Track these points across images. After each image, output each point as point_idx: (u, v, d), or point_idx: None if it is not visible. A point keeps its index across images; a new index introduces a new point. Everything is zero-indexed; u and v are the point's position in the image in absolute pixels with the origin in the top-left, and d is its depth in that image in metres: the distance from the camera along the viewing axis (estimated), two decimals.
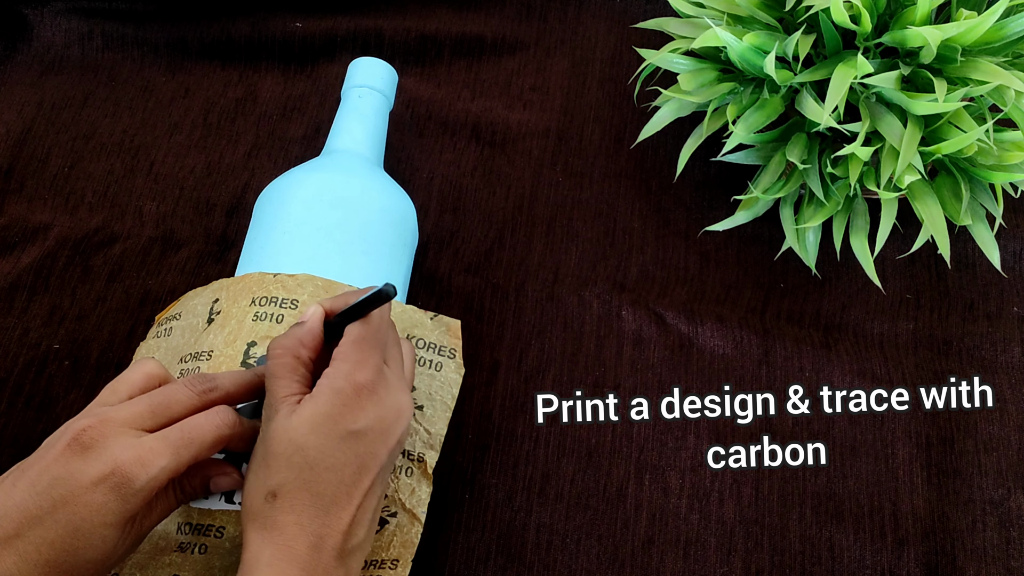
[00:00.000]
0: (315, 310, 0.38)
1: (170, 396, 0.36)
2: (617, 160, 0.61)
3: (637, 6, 0.68)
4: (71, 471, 0.32)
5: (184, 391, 0.36)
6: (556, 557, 0.48)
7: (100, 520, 0.32)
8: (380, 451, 0.36)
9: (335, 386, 0.35)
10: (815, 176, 0.50)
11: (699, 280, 0.57)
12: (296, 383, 0.36)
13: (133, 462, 0.32)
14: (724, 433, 0.51)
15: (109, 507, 0.32)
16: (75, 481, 0.32)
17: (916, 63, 0.47)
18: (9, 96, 0.63)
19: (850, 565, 0.48)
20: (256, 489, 0.34)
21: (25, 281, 0.55)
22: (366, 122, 0.54)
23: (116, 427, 0.33)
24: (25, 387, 0.51)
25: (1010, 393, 0.53)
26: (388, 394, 0.36)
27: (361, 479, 0.35)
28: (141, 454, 0.33)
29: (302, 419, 0.34)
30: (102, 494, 0.32)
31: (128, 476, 0.32)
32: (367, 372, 0.35)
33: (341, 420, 0.34)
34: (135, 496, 0.32)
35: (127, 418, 0.34)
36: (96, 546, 0.32)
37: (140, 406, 0.35)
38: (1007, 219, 0.58)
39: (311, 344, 0.37)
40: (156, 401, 0.35)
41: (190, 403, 0.36)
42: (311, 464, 0.34)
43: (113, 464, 0.32)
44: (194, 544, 0.39)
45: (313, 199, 0.48)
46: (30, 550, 0.31)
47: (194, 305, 0.48)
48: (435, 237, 0.58)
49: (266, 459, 0.34)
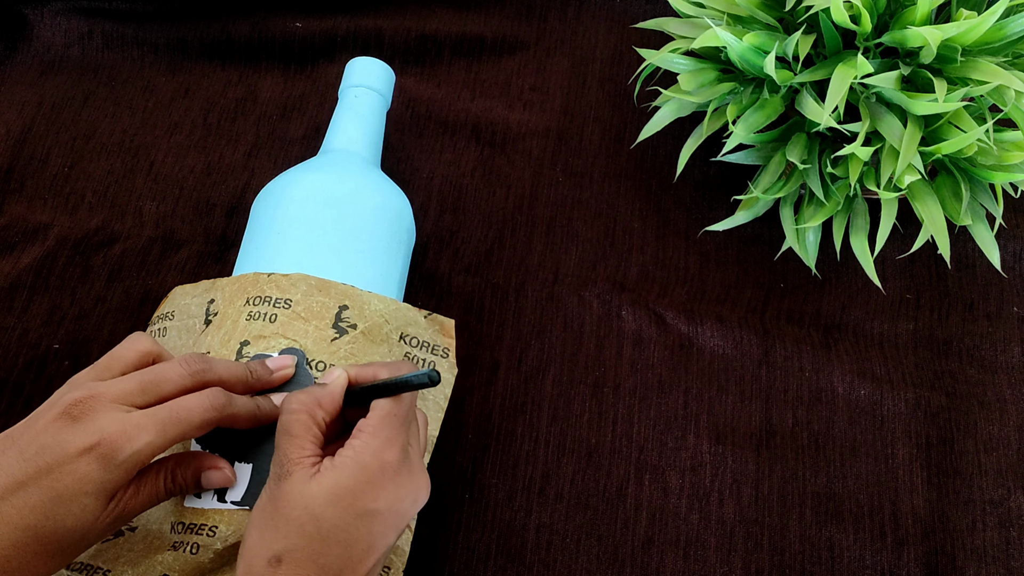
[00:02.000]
0: (340, 376, 0.38)
1: (162, 374, 0.36)
2: (617, 160, 0.61)
3: (637, 6, 0.68)
4: (59, 440, 0.33)
5: (177, 369, 0.36)
6: (556, 557, 0.48)
7: (82, 489, 0.32)
8: (391, 533, 0.35)
9: (361, 461, 0.34)
10: (815, 176, 0.50)
11: (699, 280, 0.57)
12: (311, 444, 0.35)
13: (119, 435, 0.33)
14: (724, 433, 0.51)
15: (92, 477, 0.33)
16: (62, 450, 0.33)
17: (916, 63, 0.47)
18: (9, 96, 0.63)
19: (850, 565, 0.48)
20: (259, 549, 0.33)
21: (25, 281, 0.55)
22: (362, 121, 0.54)
23: (106, 402, 0.34)
24: (25, 387, 0.51)
25: (1010, 393, 0.53)
26: (410, 477, 0.36)
27: (368, 558, 0.34)
28: (127, 428, 0.33)
29: (323, 488, 0.33)
30: (86, 463, 0.33)
31: (113, 447, 0.33)
32: (394, 452, 0.35)
33: (362, 497, 0.34)
34: (118, 468, 0.33)
35: (117, 394, 0.35)
36: (76, 515, 0.33)
37: (131, 383, 0.35)
38: (1007, 219, 0.58)
39: (330, 408, 0.37)
40: (147, 379, 0.36)
41: (182, 382, 0.36)
42: (324, 536, 0.33)
43: (99, 435, 0.33)
44: (186, 543, 0.39)
45: (307, 198, 0.48)
46: (12, 513, 0.32)
47: (187, 305, 0.48)
48: (435, 237, 0.58)
49: (275, 520, 0.34)
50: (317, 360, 0.42)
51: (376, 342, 0.44)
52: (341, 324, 0.44)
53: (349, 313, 0.44)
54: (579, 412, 0.52)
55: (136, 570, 0.39)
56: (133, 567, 0.39)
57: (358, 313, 0.44)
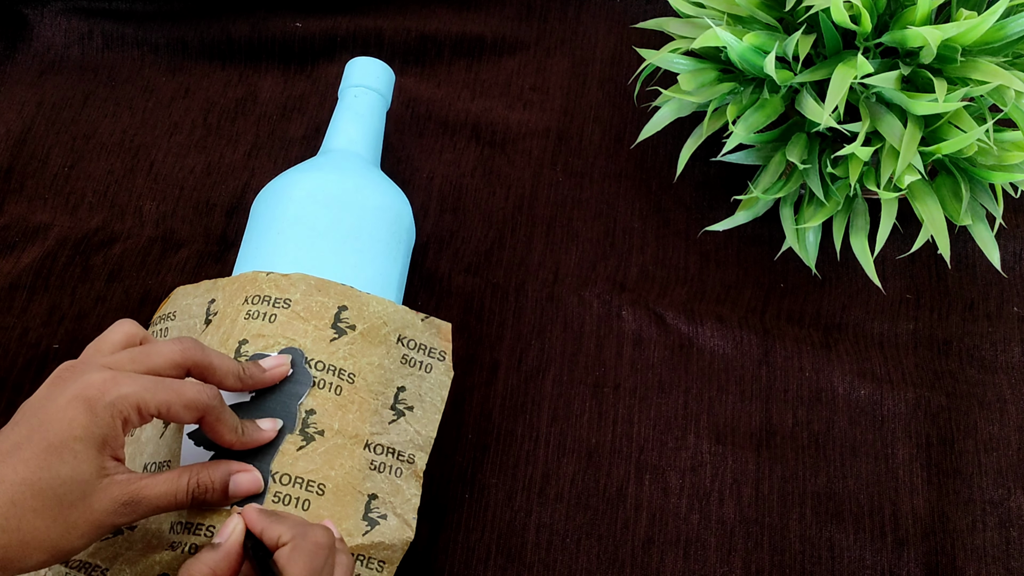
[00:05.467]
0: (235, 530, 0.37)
1: (152, 347, 0.37)
2: (617, 160, 0.61)
3: (637, 6, 0.68)
4: (50, 398, 0.34)
5: (169, 346, 0.37)
6: (556, 557, 0.48)
7: (71, 433, 0.33)
8: None
9: None
10: (815, 176, 0.50)
11: (699, 280, 0.57)
12: None
13: (102, 381, 0.34)
14: (724, 433, 0.51)
15: (78, 420, 0.33)
16: (51, 404, 0.34)
17: (916, 63, 0.47)
18: (9, 96, 0.63)
19: (850, 565, 0.48)
20: None
21: (25, 281, 0.55)
22: (362, 121, 0.54)
23: (94, 364, 0.35)
24: (25, 387, 0.51)
25: (1010, 393, 0.53)
26: None
27: None
28: (112, 377, 0.34)
29: None
30: (72, 409, 0.33)
31: (96, 391, 0.34)
32: None
33: None
34: (104, 411, 0.33)
35: (106, 361, 0.36)
36: (69, 462, 0.33)
37: (121, 355, 0.36)
38: (1007, 219, 0.58)
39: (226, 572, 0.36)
40: (137, 351, 0.36)
41: (171, 356, 0.37)
42: None
43: (84, 383, 0.34)
44: (184, 543, 0.39)
45: (306, 198, 0.48)
46: (7, 470, 0.32)
47: (188, 305, 0.48)
48: (435, 237, 0.58)
49: None
50: (316, 360, 0.42)
51: (374, 343, 0.44)
52: (340, 324, 0.44)
53: (348, 314, 0.44)
54: (579, 412, 0.52)
55: (134, 569, 0.39)
56: (131, 566, 0.39)
57: (357, 314, 0.44)
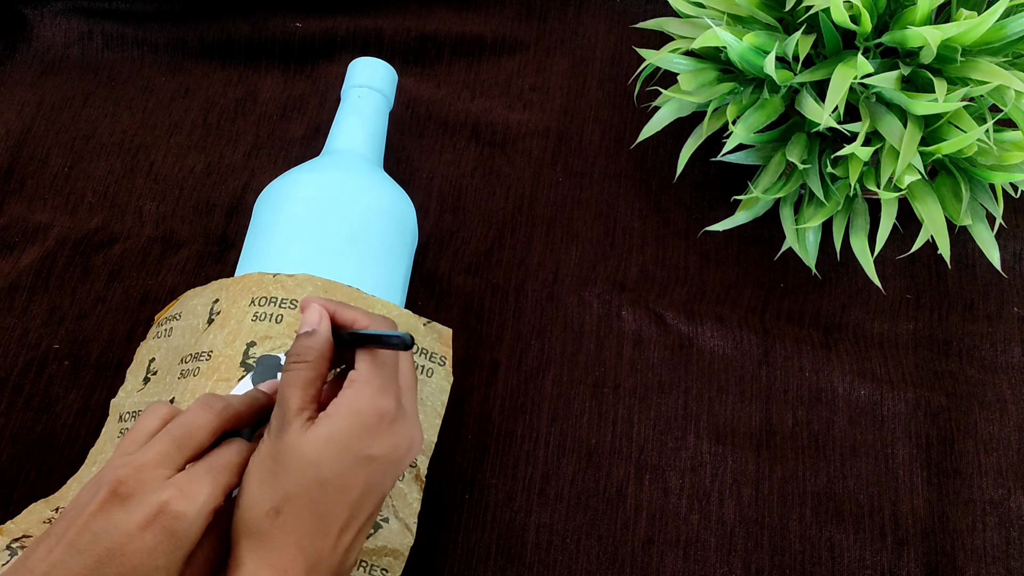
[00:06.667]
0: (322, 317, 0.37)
1: (190, 424, 0.35)
2: (617, 160, 0.61)
3: (637, 6, 0.68)
4: (114, 523, 0.31)
5: (203, 415, 0.35)
6: (556, 557, 0.48)
7: (152, 564, 0.30)
8: (387, 480, 0.35)
9: (356, 407, 0.34)
10: (815, 176, 0.50)
11: (699, 280, 0.57)
12: (312, 395, 0.35)
13: (178, 498, 0.31)
14: (724, 433, 0.51)
15: (160, 549, 0.30)
16: (120, 531, 0.30)
17: (916, 63, 0.47)
18: (9, 96, 0.63)
19: (850, 565, 0.48)
20: (257, 501, 0.33)
21: (25, 281, 0.55)
22: (366, 122, 0.54)
23: (150, 471, 0.32)
24: (25, 387, 0.51)
25: (1010, 393, 0.53)
26: (404, 424, 0.36)
27: (365, 505, 0.34)
28: (182, 488, 0.32)
29: (318, 435, 0.33)
30: (151, 537, 0.31)
31: (177, 513, 0.31)
32: (388, 400, 0.35)
33: (359, 443, 0.34)
34: (187, 531, 0.31)
35: (156, 459, 0.33)
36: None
37: (164, 444, 0.34)
38: (1007, 219, 0.58)
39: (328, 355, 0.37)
40: (178, 434, 0.34)
41: (211, 426, 0.35)
42: (322, 482, 0.33)
43: (158, 505, 0.31)
44: None
45: (312, 199, 0.48)
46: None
47: (194, 305, 0.48)
48: (435, 237, 0.58)
49: (273, 472, 0.33)
50: None
51: None
52: None
53: None
54: (579, 412, 0.52)
55: None
56: None
57: None
